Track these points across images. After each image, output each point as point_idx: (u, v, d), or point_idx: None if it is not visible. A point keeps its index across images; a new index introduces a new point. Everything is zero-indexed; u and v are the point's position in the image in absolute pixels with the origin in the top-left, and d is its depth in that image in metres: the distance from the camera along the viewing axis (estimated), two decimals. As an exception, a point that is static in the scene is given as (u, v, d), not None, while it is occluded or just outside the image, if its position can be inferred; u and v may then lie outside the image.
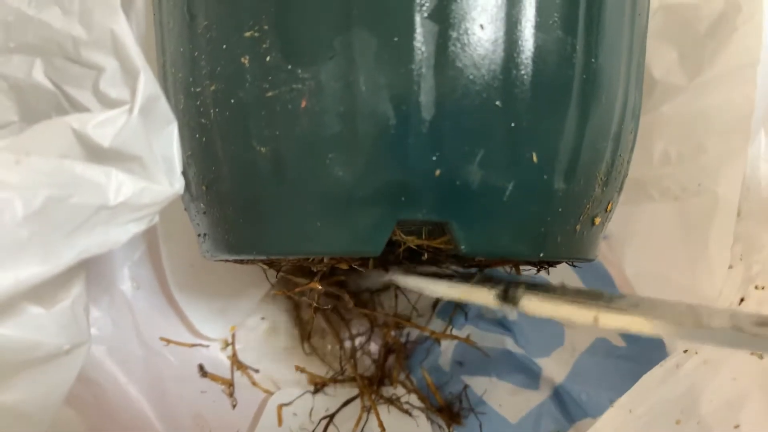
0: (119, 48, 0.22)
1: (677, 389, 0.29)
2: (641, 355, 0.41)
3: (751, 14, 0.35)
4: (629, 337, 0.41)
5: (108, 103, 0.22)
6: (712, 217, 0.36)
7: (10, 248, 0.19)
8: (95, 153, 0.21)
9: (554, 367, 0.40)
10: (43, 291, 0.22)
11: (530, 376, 0.40)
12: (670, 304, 0.22)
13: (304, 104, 0.23)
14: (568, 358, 0.40)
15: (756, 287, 0.29)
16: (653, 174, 0.39)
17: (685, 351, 0.29)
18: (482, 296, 0.24)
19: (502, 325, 0.41)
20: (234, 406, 0.37)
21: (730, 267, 0.30)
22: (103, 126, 0.21)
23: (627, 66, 0.27)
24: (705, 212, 0.36)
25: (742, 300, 0.29)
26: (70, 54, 0.23)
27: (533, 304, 0.23)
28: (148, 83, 0.21)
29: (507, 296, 0.24)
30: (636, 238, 0.41)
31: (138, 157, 0.22)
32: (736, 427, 0.27)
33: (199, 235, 0.30)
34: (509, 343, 0.41)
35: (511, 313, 0.24)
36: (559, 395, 0.39)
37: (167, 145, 0.23)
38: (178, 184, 0.23)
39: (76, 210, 0.20)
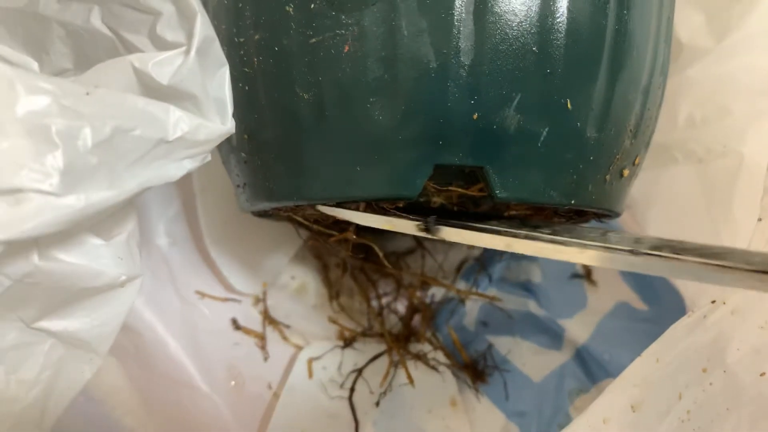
0: None
1: (704, 338, 0.29)
2: (662, 317, 0.41)
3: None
4: (651, 301, 0.42)
5: (164, 45, 0.23)
6: (736, 177, 0.36)
7: (82, 172, 0.20)
8: (154, 90, 0.22)
9: (577, 329, 0.41)
10: (102, 223, 0.23)
11: (553, 336, 0.41)
12: (588, 230, 0.23)
13: (347, 49, 0.24)
14: (591, 320, 0.41)
15: None
16: (678, 137, 0.40)
17: (713, 302, 0.30)
18: (406, 226, 0.26)
19: (526, 288, 0.42)
20: (266, 359, 0.38)
21: (759, 220, 0.30)
22: (162, 65, 0.22)
23: (657, 20, 0.27)
24: (730, 173, 0.37)
25: None
26: (127, 0, 0.24)
27: (451, 232, 0.25)
28: (204, 26, 0.22)
29: (428, 227, 0.25)
30: (658, 203, 0.41)
31: (193, 96, 0.23)
32: (762, 374, 0.27)
33: (237, 186, 0.31)
34: (532, 306, 0.42)
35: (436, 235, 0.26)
36: (581, 356, 0.40)
37: (219, 86, 0.24)
38: (230, 124, 0.24)
39: (139, 142, 0.21)
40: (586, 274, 0.43)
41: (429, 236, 0.26)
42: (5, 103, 0.19)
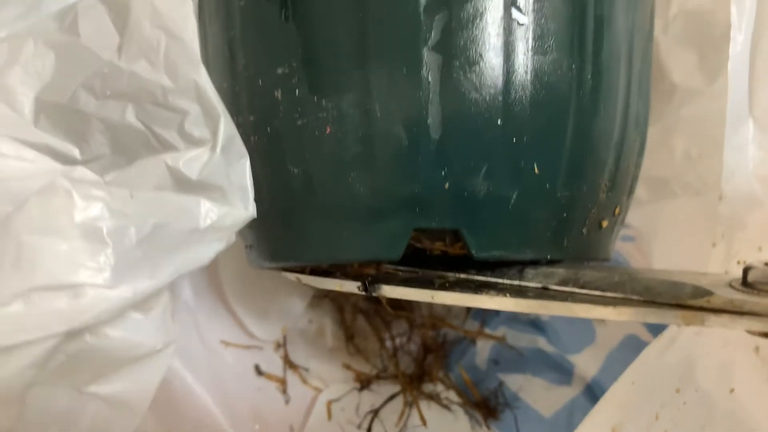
0: (201, 96, 0.26)
1: (674, 359, 0.31)
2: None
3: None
4: (657, 332, 0.43)
5: (191, 141, 0.27)
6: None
7: (129, 266, 0.24)
8: (185, 184, 0.26)
9: (586, 364, 0.42)
10: (143, 299, 0.27)
11: (563, 372, 0.42)
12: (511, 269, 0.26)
13: (328, 130, 0.26)
14: (599, 355, 0.42)
15: (738, 262, 0.31)
16: (676, 171, 0.41)
17: (679, 326, 0.31)
18: (350, 287, 0.29)
19: (535, 325, 0.44)
20: (287, 402, 0.41)
21: (714, 245, 0.32)
22: (192, 162, 0.26)
23: (627, 78, 0.29)
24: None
25: (726, 273, 0.31)
26: (158, 100, 0.27)
27: (386, 290, 0.28)
28: (227, 125, 0.26)
29: (366, 287, 0.28)
30: (662, 235, 0.42)
31: (220, 187, 0.26)
32: (731, 391, 0.28)
33: (246, 246, 0.33)
34: (542, 343, 0.43)
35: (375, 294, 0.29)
36: (591, 390, 0.41)
37: (241, 175, 0.27)
38: (251, 208, 0.27)
39: (175, 233, 0.25)
40: (596, 308, 0.44)
41: (369, 294, 0.28)
42: (65, 211, 0.23)
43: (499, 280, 0.26)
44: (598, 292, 0.24)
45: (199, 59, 0.27)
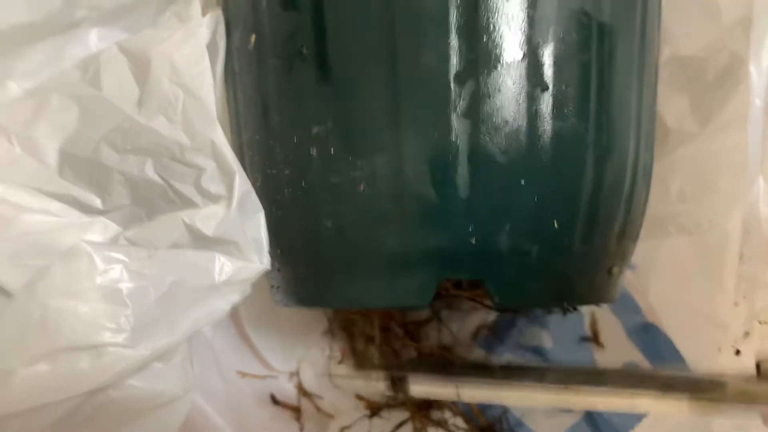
0: (217, 153, 0.28)
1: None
2: (667, 377, 0.45)
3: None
4: (655, 360, 0.45)
5: (208, 196, 0.28)
6: (724, 252, 0.39)
7: (147, 325, 0.25)
8: (202, 240, 0.27)
9: (586, 390, 0.44)
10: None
11: (565, 398, 0.44)
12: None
13: (361, 188, 0.28)
14: (599, 382, 0.44)
15: (759, 322, 0.33)
16: (670, 211, 0.43)
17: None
18: (379, 386, 0.30)
19: (538, 352, 0.46)
20: (301, 430, 0.42)
21: (736, 305, 0.34)
22: (207, 218, 0.27)
23: (636, 136, 0.31)
24: (717, 247, 0.40)
25: (746, 334, 0.33)
26: (176, 156, 0.28)
27: (413, 388, 0.30)
28: (242, 182, 0.27)
29: (395, 385, 0.30)
30: (658, 270, 0.44)
31: (235, 242, 0.27)
32: None
33: (272, 287, 0.35)
34: (545, 369, 0.45)
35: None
36: (591, 416, 0.43)
37: (257, 229, 0.28)
38: (266, 261, 0.28)
39: (192, 290, 0.26)
40: (594, 336, 0.46)
41: (396, 393, 0.30)
42: (87, 275, 0.24)
43: (521, 383, 0.27)
44: (617, 388, 0.25)
45: (215, 118, 0.29)
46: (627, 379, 0.25)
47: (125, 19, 0.37)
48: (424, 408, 0.44)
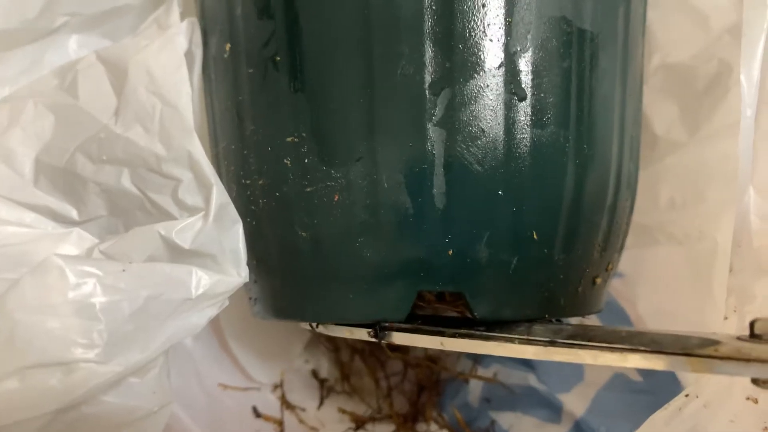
0: (194, 165, 0.27)
1: (680, 430, 0.32)
2: (657, 388, 0.44)
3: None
4: (646, 372, 0.44)
5: (184, 207, 0.27)
6: (713, 262, 0.39)
7: (120, 340, 0.24)
8: (178, 252, 0.26)
9: (575, 402, 0.43)
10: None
11: (552, 410, 0.43)
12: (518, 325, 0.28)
13: (336, 198, 0.27)
14: (588, 393, 0.43)
15: None
16: (659, 219, 0.42)
17: (687, 395, 0.33)
18: (360, 333, 0.30)
19: (526, 363, 0.45)
20: (284, 443, 0.42)
21: (726, 318, 0.33)
22: (184, 231, 0.26)
23: (619, 145, 0.30)
24: (707, 257, 0.39)
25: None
26: (152, 167, 0.28)
27: (395, 337, 0.29)
28: (220, 194, 0.27)
29: (377, 333, 0.29)
30: (647, 279, 0.44)
31: (212, 255, 0.27)
32: None
33: (250, 298, 0.34)
34: (533, 380, 0.44)
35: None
36: (579, 428, 0.42)
37: (234, 241, 0.28)
38: (244, 274, 0.28)
39: (167, 304, 0.26)
40: (583, 347, 0.45)
41: (379, 341, 0.29)
42: (58, 289, 0.23)
43: (507, 335, 0.27)
44: (605, 344, 0.25)
45: (192, 128, 0.28)
46: (614, 336, 0.25)
47: (106, 26, 0.37)
48: (410, 420, 0.43)
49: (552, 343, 0.26)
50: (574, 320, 0.44)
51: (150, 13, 0.36)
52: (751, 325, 0.23)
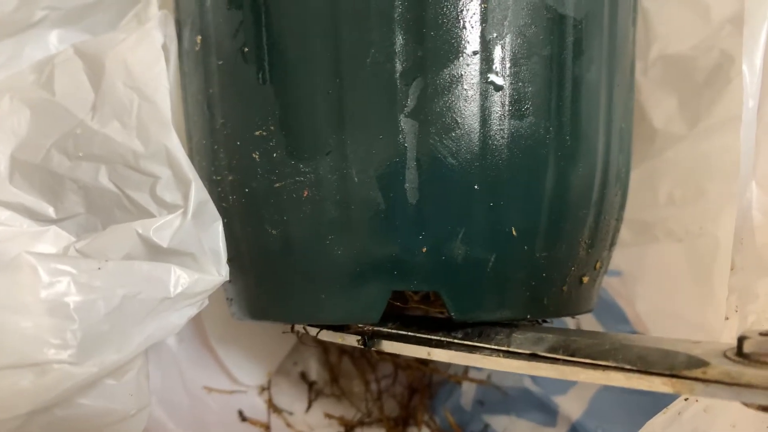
0: (172, 161, 0.27)
1: None
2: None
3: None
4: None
5: (163, 204, 0.27)
6: (714, 259, 0.37)
7: (95, 341, 0.23)
8: (156, 251, 0.26)
9: (571, 405, 0.42)
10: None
11: (548, 413, 0.42)
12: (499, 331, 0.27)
13: (306, 194, 0.26)
14: (584, 395, 0.42)
15: None
16: (659, 215, 0.41)
17: (686, 399, 0.31)
18: (351, 340, 0.29)
19: (521, 364, 0.44)
20: (271, 447, 0.41)
21: (727, 318, 0.31)
22: (162, 229, 0.26)
23: (606, 136, 0.29)
24: (708, 254, 0.38)
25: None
26: (130, 163, 0.27)
27: (384, 345, 0.28)
28: (198, 191, 0.26)
29: (366, 341, 0.29)
30: (646, 277, 0.42)
31: (191, 253, 0.26)
32: None
33: (227, 299, 0.33)
34: (527, 382, 0.43)
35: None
36: (576, 430, 0.41)
37: (214, 239, 0.27)
38: (224, 272, 0.27)
39: (145, 303, 0.25)
40: (581, 348, 0.44)
41: (369, 348, 0.29)
42: (30, 288, 0.23)
43: (487, 345, 0.26)
44: (588, 360, 0.24)
45: (170, 123, 0.27)
46: (598, 349, 0.23)
47: (87, 21, 0.36)
48: (401, 424, 0.42)
49: (534, 357, 0.25)
50: (572, 323, 0.43)
51: (131, 8, 0.35)
52: (740, 341, 0.22)
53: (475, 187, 0.25)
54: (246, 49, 0.27)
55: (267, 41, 0.26)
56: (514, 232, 0.26)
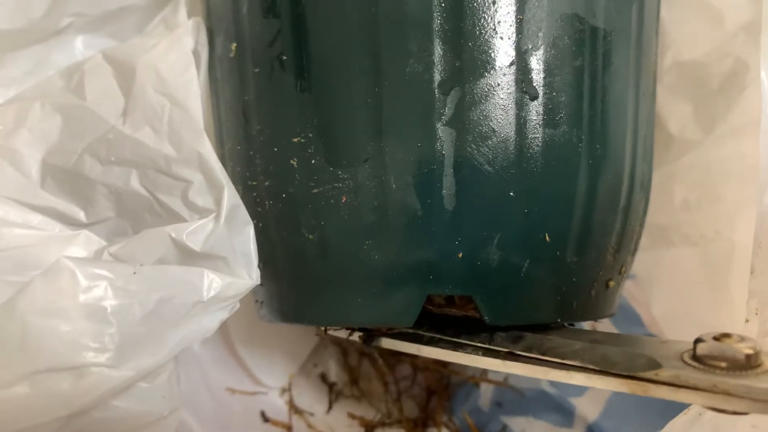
0: (205, 166, 0.27)
1: None
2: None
3: (757, 74, 0.37)
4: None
5: (195, 209, 0.27)
6: (730, 263, 0.38)
7: (131, 344, 0.24)
8: (189, 255, 0.26)
9: (587, 406, 0.42)
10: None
11: (565, 414, 0.42)
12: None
13: (344, 200, 0.27)
14: (601, 397, 0.43)
15: None
16: (674, 220, 0.41)
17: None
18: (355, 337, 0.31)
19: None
20: (292, 448, 0.41)
21: (747, 321, 0.32)
22: (195, 233, 0.26)
23: (633, 145, 0.30)
24: (723, 258, 0.38)
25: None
26: (162, 168, 0.28)
27: (385, 342, 0.30)
28: (231, 196, 0.26)
29: (368, 339, 0.30)
30: (661, 281, 0.43)
31: (223, 258, 0.27)
32: None
33: (256, 301, 0.34)
34: (544, 384, 0.43)
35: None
36: (592, 430, 0.42)
37: (246, 243, 0.27)
38: (256, 276, 0.27)
39: (179, 307, 0.25)
40: (596, 350, 0.45)
41: (369, 345, 0.30)
42: (68, 292, 0.23)
43: (470, 343, 0.27)
44: (557, 360, 0.25)
45: (202, 129, 0.28)
46: (568, 349, 0.24)
47: (112, 27, 0.37)
48: (420, 425, 0.42)
49: (510, 355, 0.26)
50: (588, 326, 0.44)
51: (156, 14, 0.36)
52: (695, 344, 0.22)
53: (511, 193, 0.26)
54: (284, 57, 0.27)
55: (305, 50, 0.27)
56: (547, 238, 0.27)
